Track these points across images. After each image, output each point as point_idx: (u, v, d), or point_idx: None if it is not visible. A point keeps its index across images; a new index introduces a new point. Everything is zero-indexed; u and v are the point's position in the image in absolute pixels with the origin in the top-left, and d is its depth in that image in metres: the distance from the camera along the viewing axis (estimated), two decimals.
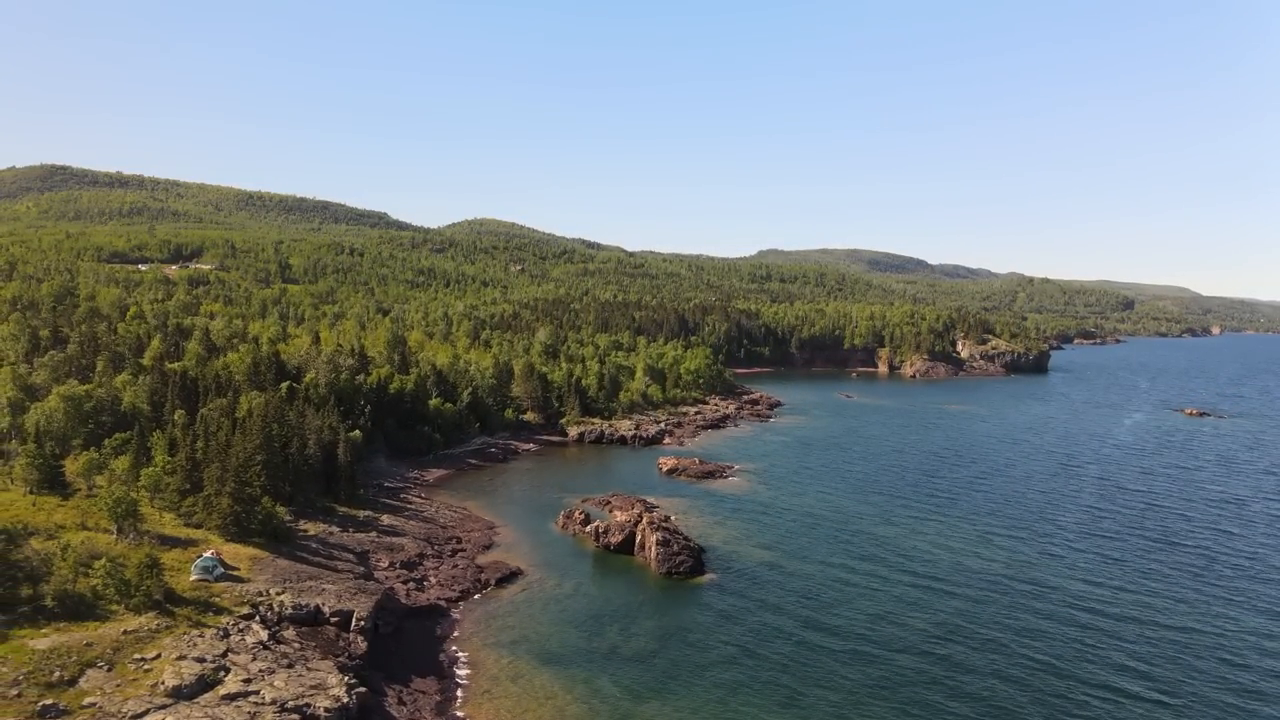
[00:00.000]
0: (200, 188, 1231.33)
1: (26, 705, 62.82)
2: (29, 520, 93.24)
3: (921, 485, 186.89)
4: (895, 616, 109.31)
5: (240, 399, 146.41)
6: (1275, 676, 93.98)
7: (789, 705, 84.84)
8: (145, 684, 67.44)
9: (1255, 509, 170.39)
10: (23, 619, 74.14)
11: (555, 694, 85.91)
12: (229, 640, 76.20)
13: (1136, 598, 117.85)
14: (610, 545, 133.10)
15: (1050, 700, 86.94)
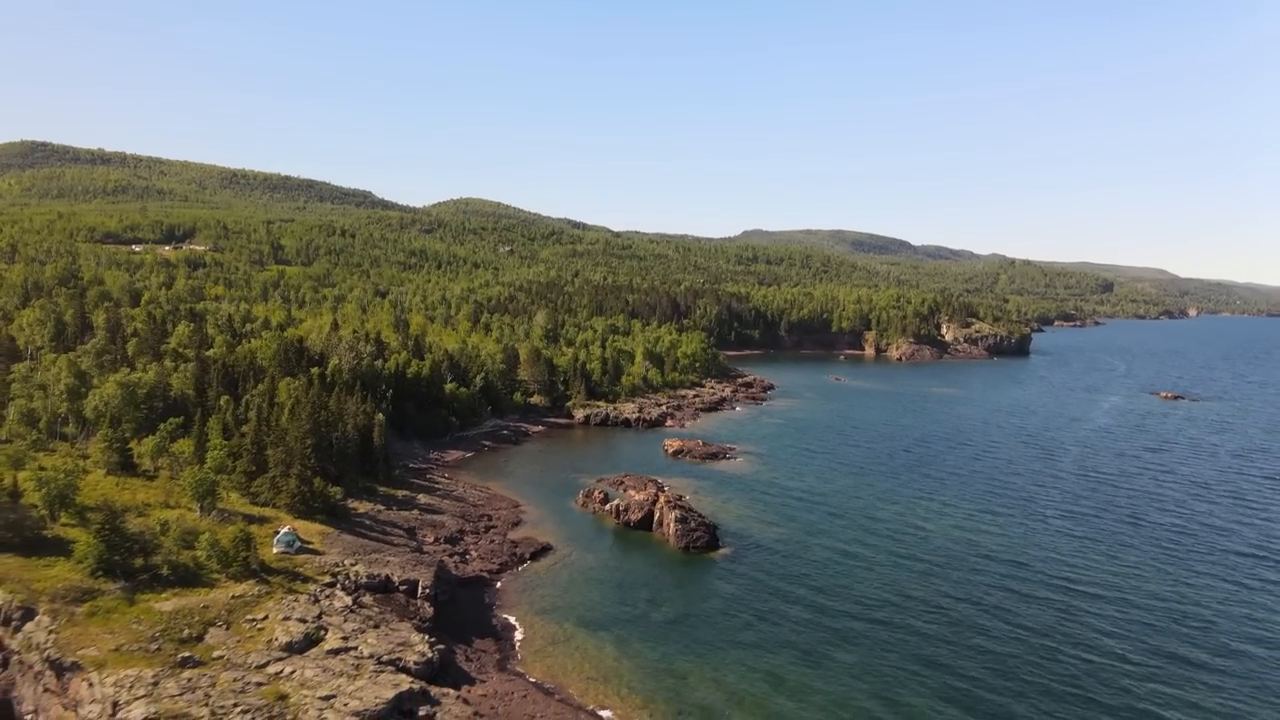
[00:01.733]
0: (184, 165, 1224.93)
1: (167, 656, 72.71)
2: (118, 499, 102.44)
3: (912, 467, 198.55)
4: (891, 587, 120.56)
5: (279, 385, 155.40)
6: (1228, 636, 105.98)
7: (802, 663, 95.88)
8: (260, 640, 77.43)
9: (1221, 490, 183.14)
10: (143, 585, 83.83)
11: (598, 653, 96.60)
12: (320, 604, 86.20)
13: (1110, 571, 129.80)
14: (630, 522, 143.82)
15: (1032, 660, 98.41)
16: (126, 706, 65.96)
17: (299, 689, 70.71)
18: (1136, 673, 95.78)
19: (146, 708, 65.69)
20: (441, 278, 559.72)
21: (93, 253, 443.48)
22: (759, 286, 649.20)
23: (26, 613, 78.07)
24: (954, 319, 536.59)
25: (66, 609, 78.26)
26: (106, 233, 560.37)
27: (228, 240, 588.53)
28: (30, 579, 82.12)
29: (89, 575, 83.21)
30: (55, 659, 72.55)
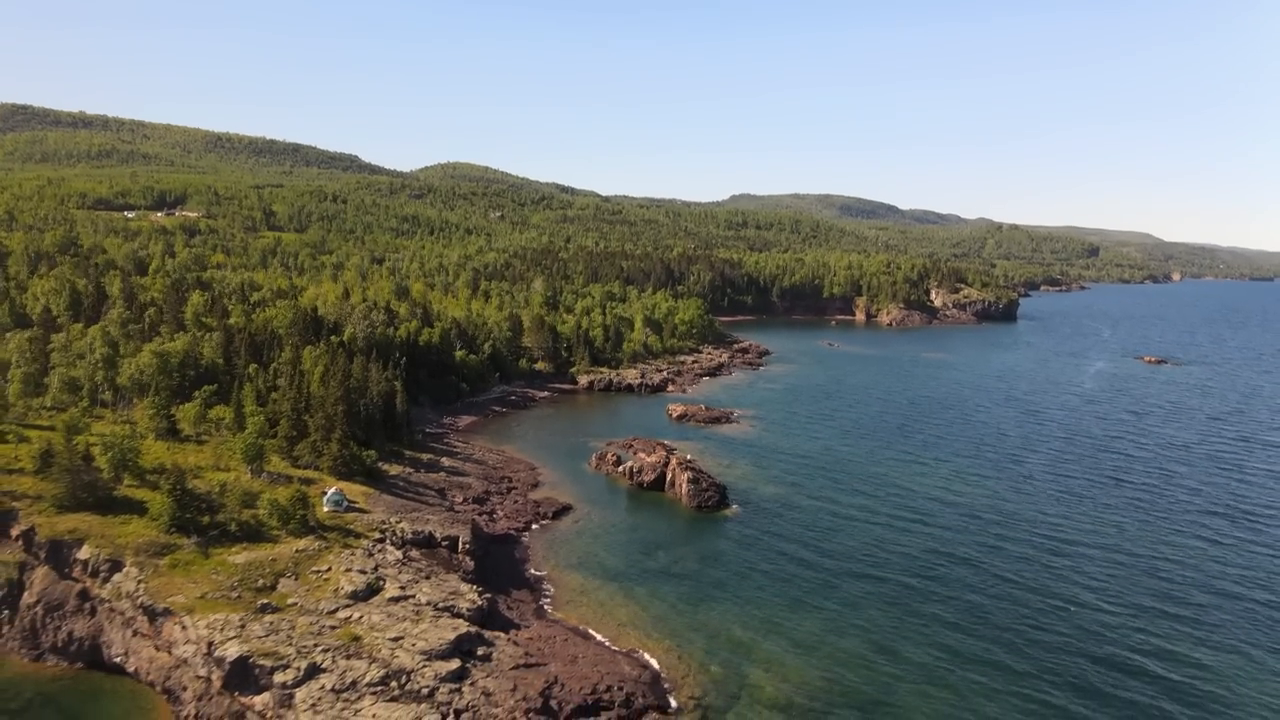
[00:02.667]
0: (166, 128, 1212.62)
1: (248, 603, 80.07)
2: (173, 462, 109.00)
3: (904, 430, 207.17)
4: (888, 543, 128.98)
5: (303, 353, 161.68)
6: (1196, 587, 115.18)
7: (811, 612, 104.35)
8: (327, 589, 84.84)
9: (1199, 452, 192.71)
10: (213, 541, 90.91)
11: (625, 602, 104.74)
12: (375, 558, 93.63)
13: (1092, 528, 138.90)
14: (643, 483, 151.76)
15: (1019, 610, 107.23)
16: (221, 646, 73.42)
17: (369, 631, 78.39)
18: (1114, 621, 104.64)
19: (239, 646, 73.19)
20: (436, 244, 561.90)
21: (89, 220, 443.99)
22: (751, 252, 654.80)
23: (114, 565, 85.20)
24: (943, 285, 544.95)
25: (150, 561, 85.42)
26: (98, 199, 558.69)
27: (219, 206, 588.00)
28: (112, 535, 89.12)
29: (164, 531, 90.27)
30: (148, 605, 79.81)
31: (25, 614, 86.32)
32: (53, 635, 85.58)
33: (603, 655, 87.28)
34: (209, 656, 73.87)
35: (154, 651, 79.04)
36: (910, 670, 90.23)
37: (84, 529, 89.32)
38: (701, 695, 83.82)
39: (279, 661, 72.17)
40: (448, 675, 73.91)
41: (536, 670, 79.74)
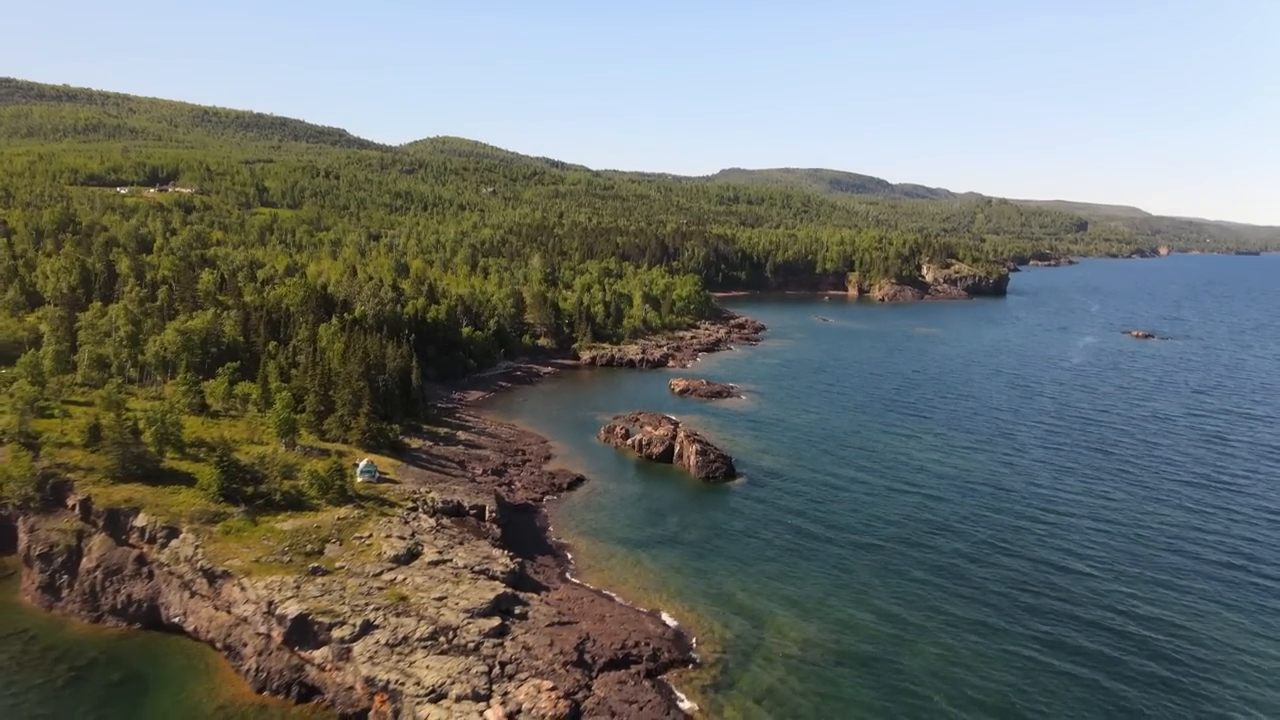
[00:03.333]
0: (152, 102, 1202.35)
1: (299, 566, 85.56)
2: (210, 436, 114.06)
3: (900, 404, 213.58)
4: (887, 511, 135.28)
5: (319, 331, 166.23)
6: (1176, 553, 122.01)
7: (817, 575, 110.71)
8: (371, 554, 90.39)
9: (1182, 424, 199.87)
10: (260, 509, 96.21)
11: (642, 568, 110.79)
12: (411, 525, 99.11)
13: (1082, 497, 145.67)
14: (652, 455, 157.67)
15: (1013, 572, 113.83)
16: (281, 605, 78.94)
17: (414, 592, 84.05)
18: (1099, 584, 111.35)
19: (298, 605, 78.74)
20: (430, 220, 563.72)
21: (85, 197, 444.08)
22: (744, 228, 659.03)
23: (171, 531, 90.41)
24: (934, 260, 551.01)
25: (205, 528, 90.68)
26: (90, 174, 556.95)
27: (212, 182, 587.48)
28: (165, 504, 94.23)
29: (213, 501, 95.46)
30: (207, 568, 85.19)
31: (85, 578, 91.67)
32: (112, 598, 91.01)
33: (627, 615, 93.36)
34: (269, 615, 79.43)
35: (213, 611, 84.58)
36: (909, 629, 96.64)
37: (138, 498, 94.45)
38: (721, 650, 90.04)
39: (336, 619, 77.86)
40: (490, 631, 79.79)
41: (569, 628, 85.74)
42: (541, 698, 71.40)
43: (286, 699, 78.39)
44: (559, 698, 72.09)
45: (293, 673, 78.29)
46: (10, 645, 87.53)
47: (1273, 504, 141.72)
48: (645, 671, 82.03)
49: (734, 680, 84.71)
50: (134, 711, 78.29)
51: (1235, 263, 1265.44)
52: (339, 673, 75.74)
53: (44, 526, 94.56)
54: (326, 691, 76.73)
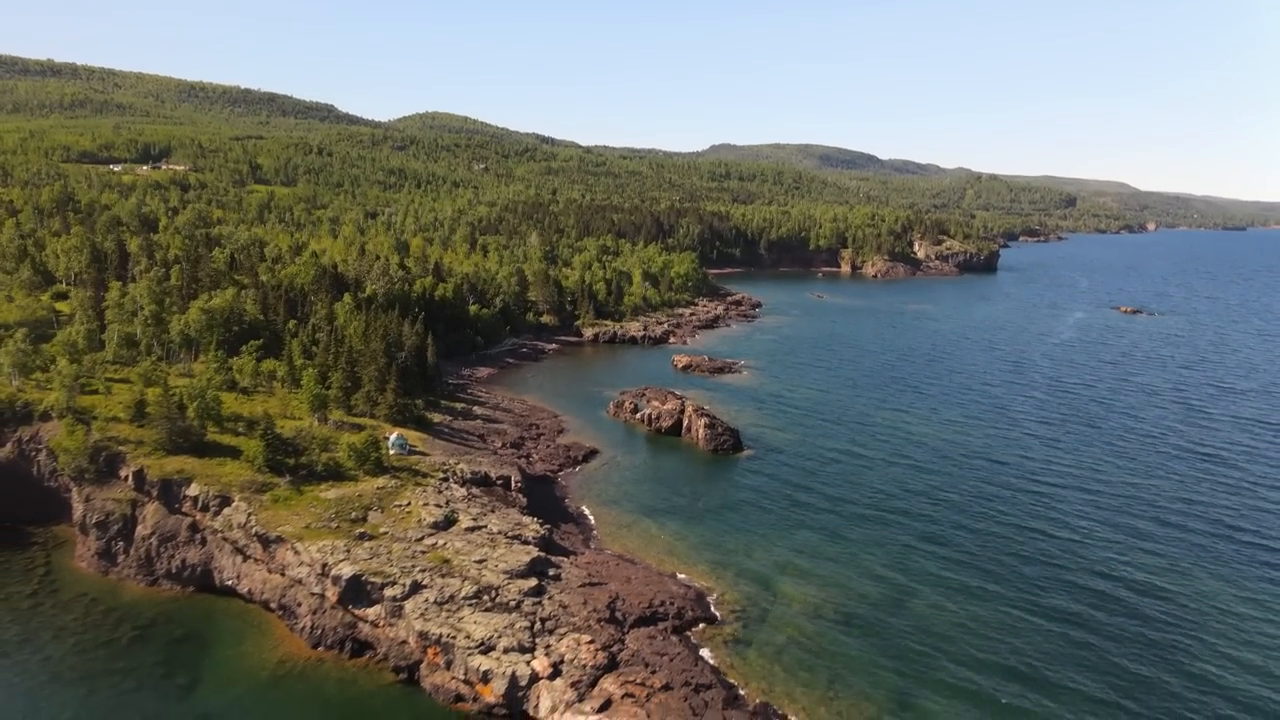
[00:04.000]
0: (138, 77, 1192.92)
1: (346, 531, 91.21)
2: (245, 411, 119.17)
3: (896, 379, 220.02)
4: (888, 481, 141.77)
5: (336, 309, 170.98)
6: (1161, 521, 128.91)
7: (824, 540, 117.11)
8: (411, 521, 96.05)
9: (1169, 398, 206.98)
10: (303, 479, 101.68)
11: (660, 534, 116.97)
12: (444, 494, 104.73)
13: (1072, 465, 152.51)
14: (661, 429, 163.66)
15: (1008, 536, 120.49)
16: (335, 567, 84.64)
17: (456, 555, 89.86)
18: (1088, 547, 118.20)
19: (351, 567, 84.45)
20: (425, 198, 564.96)
21: (81, 175, 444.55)
22: (737, 205, 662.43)
23: (223, 500, 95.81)
24: (926, 236, 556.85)
25: (255, 497, 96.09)
26: (82, 152, 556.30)
27: (205, 160, 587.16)
28: (214, 474, 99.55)
29: (258, 472, 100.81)
30: (261, 534, 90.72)
31: (140, 545, 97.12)
32: (166, 563, 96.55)
33: (651, 577, 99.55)
34: (323, 576, 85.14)
35: (266, 574, 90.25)
36: (909, 591, 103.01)
37: (188, 470, 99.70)
38: (738, 609, 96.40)
39: (387, 579, 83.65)
40: (528, 591, 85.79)
41: (600, 588, 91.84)
42: (581, 649, 77.57)
43: (340, 654, 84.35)
44: (597, 649, 78.28)
45: (346, 629, 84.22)
46: (74, 607, 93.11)
47: (1252, 474, 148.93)
48: (671, 628, 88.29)
49: (751, 636, 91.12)
50: (197, 665, 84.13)
51: (1222, 239, 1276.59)
52: (391, 628, 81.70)
53: (99, 496, 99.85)
54: (379, 646, 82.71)
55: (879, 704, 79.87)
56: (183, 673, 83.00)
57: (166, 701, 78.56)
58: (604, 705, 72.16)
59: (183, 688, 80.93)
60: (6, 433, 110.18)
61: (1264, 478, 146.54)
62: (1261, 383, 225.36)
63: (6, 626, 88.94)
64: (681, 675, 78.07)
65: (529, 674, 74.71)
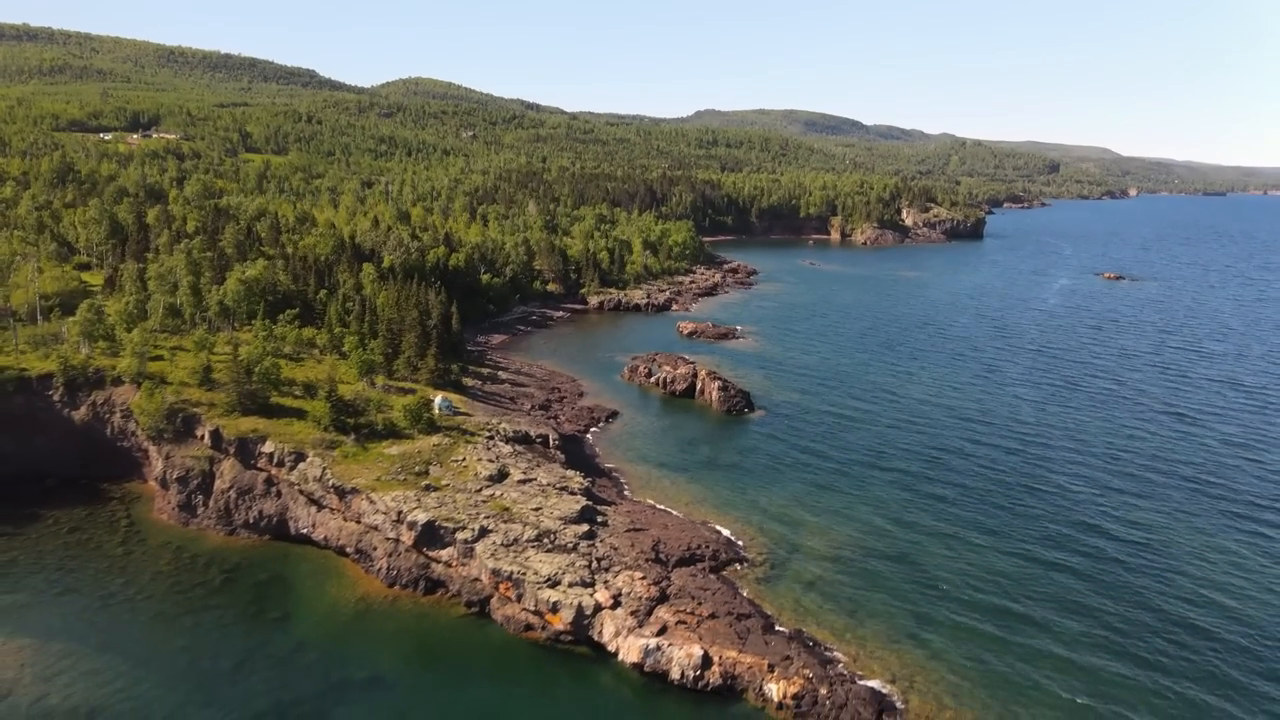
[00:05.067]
0: (115, 41, 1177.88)
1: (412, 483, 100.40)
2: (298, 376, 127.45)
3: (890, 344, 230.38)
4: (890, 439, 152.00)
5: (362, 279, 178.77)
6: (1144, 470, 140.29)
7: (837, 491, 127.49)
8: (468, 474, 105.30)
9: (1150, 360, 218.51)
10: (365, 438, 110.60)
11: (686, 487, 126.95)
12: (493, 450, 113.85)
13: (1057, 425, 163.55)
14: (676, 392, 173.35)
15: (998, 490, 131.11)
16: (409, 514, 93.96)
17: (514, 504, 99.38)
18: (1078, 495, 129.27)
19: (425, 514, 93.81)
20: (418, 167, 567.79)
21: (77, 144, 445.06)
22: (726, 173, 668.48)
23: (298, 456, 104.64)
24: (914, 204, 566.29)
25: (326, 453, 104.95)
26: (71, 120, 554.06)
27: (195, 128, 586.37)
28: (285, 433, 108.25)
29: (324, 430, 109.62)
30: (337, 485, 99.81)
31: (219, 498, 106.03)
32: (244, 514, 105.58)
33: (685, 525, 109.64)
34: (398, 522, 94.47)
35: (342, 522, 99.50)
36: (919, 534, 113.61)
37: (261, 429, 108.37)
38: (767, 553, 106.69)
39: (457, 524, 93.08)
40: (582, 535, 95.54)
41: (642, 533, 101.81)
42: (636, 584, 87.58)
43: (415, 591, 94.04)
44: (649, 584, 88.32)
45: (420, 570, 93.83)
46: (163, 554, 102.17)
47: (1225, 431, 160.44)
48: (709, 567, 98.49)
49: (781, 575, 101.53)
50: (286, 602, 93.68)
51: (1202, 204, 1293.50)
52: (464, 567, 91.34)
53: (178, 454, 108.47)
54: (451, 584, 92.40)
55: (895, 630, 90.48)
56: (274, 608, 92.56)
57: (265, 633, 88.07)
58: (661, 630, 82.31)
59: (277, 620, 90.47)
60: (80, 397, 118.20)
61: (1233, 436, 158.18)
62: (1235, 346, 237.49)
63: (107, 572, 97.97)
64: (724, 606, 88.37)
65: (593, 604, 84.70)
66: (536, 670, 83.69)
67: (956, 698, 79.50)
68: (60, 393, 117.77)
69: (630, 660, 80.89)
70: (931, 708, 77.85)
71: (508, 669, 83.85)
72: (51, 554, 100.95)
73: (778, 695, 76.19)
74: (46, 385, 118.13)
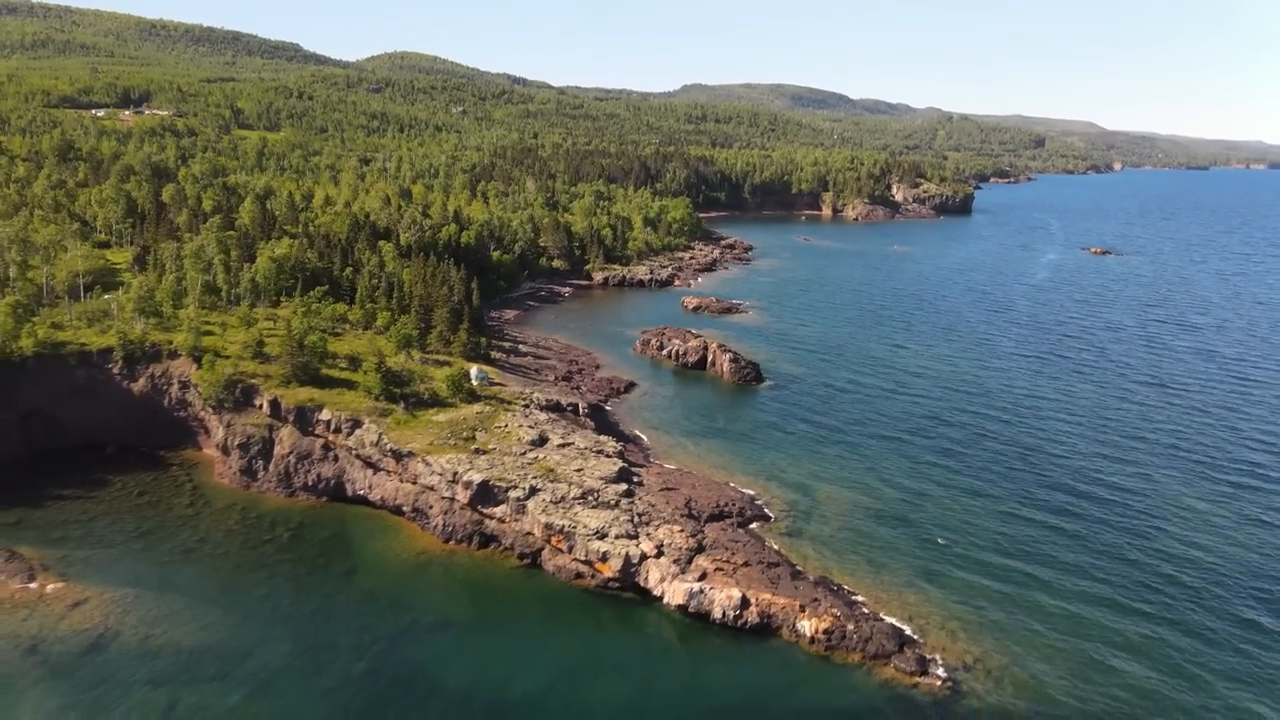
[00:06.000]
0: (95, 14, 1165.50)
1: (462, 447, 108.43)
2: (341, 349, 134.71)
3: (887, 318, 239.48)
4: (890, 407, 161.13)
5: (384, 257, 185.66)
6: (1127, 436, 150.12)
7: (844, 453, 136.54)
8: (512, 439, 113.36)
9: (1134, 333, 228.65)
10: (413, 406, 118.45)
11: (707, 452, 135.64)
12: (530, 418, 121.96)
13: (1048, 391, 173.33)
14: (687, 364, 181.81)
15: (992, 454, 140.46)
16: (465, 474, 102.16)
17: (557, 465, 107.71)
18: (1065, 458, 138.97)
19: (479, 474, 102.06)
20: (411, 143, 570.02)
21: (72, 121, 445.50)
22: (720, 149, 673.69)
23: (355, 422, 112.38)
24: (904, 180, 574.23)
25: (380, 420, 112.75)
26: (62, 96, 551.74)
27: (187, 104, 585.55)
28: (339, 402, 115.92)
29: (375, 400, 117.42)
30: (394, 449, 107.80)
31: (279, 462, 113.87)
32: (303, 477, 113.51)
33: (710, 485, 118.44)
34: (454, 482, 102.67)
35: (398, 483, 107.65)
36: (924, 492, 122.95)
37: (317, 399, 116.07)
38: (787, 510, 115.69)
39: (509, 484, 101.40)
40: (622, 493, 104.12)
41: (674, 492, 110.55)
42: (675, 536, 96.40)
43: (469, 546, 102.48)
44: (687, 536, 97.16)
45: (474, 526, 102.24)
46: (230, 514, 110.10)
47: (1202, 399, 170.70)
48: (737, 523, 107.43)
49: (801, 529, 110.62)
50: (350, 556, 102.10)
51: (1185, 178, 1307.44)
52: (517, 523, 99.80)
53: (239, 422, 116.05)
54: (504, 539, 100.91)
55: (908, 578, 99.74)
56: (341, 562, 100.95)
57: (337, 582, 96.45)
58: (701, 576, 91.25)
59: (344, 573, 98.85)
60: (139, 369, 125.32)
61: (1211, 402, 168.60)
62: (1215, 319, 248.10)
63: (180, 530, 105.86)
64: (754, 556, 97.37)
65: (639, 554, 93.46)
66: (588, 613, 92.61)
67: (966, 634, 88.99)
68: (119, 366, 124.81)
69: (675, 602, 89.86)
70: (946, 641, 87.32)
71: (562, 612, 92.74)
72: (128, 514, 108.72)
73: (810, 631, 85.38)
74: (106, 359, 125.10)
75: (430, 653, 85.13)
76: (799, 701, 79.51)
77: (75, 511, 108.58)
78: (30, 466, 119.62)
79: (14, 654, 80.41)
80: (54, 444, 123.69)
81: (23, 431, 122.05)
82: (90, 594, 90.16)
